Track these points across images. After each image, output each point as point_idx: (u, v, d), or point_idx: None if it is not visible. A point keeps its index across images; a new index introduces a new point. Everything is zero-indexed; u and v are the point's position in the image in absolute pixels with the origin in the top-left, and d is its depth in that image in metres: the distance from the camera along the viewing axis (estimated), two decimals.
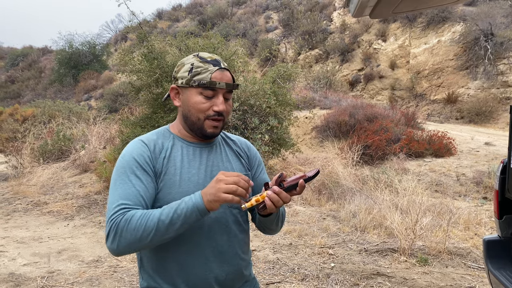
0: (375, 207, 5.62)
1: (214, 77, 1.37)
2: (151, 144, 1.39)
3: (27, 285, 3.91)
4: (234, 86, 1.42)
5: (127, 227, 1.20)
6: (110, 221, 1.23)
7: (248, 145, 1.62)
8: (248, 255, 1.55)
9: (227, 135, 1.60)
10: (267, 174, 1.68)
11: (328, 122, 11.27)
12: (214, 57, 1.43)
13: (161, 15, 36.41)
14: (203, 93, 1.38)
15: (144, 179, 1.31)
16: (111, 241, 1.22)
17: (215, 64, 1.39)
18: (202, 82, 1.36)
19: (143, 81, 7.03)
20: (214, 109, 1.38)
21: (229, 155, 1.52)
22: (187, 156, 1.42)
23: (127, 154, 1.36)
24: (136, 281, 3.93)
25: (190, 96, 1.40)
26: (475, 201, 6.64)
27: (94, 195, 7.51)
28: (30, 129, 12.89)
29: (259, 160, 1.63)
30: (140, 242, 1.21)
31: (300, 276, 3.89)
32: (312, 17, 23.40)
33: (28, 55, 37.29)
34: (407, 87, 18.42)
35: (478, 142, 10.52)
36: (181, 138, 1.45)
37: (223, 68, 1.40)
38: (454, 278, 3.82)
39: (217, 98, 1.38)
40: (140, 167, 1.33)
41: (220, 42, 7.40)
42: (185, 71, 1.41)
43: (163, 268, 1.38)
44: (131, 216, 1.21)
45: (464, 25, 17.01)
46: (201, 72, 1.38)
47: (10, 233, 5.60)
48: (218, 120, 1.40)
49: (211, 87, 1.37)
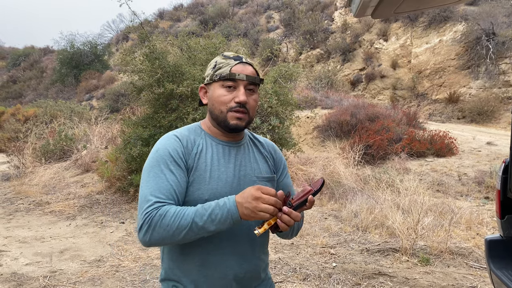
0: (377, 207, 5.62)
1: (234, 70, 1.43)
2: (184, 139, 1.43)
3: (29, 284, 3.92)
4: (256, 79, 1.45)
5: (161, 223, 1.24)
6: (144, 214, 1.26)
7: (274, 148, 1.65)
8: (266, 256, 1.59)
9: (255, 136, 1.64)
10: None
11: (329, 122, 11.27)
12: (238, 54, 1.49)
13: (163, 15, 36.43)
14: (224, 85, 1.43)
15: (177, 173, 1.36)
16: (144, 233, 1.26)
17: (236, 59, 1.45)
18: (223, 74, 1.42)
19: (145, 81, 7.03)
20: (235, 100, 1.41)
21: (257, 156, 1.56)
22: (217, 154, 1.45)
23: (161, 148, 1.40)
24: (138, 280, 3.94)
25: (213, 91, 1.46)
26: (477, 201, 6.63)
27: (96, 195, 7.52)
28: (32, 129, 12.93)
29: (284, 164, 1.66)
30: (172, 238, 1.26)
31: (301, 275, 3.89)
32: (313, 17, 23.39)
33: (29, 55, 37.35)
34: (408, 87, 18.39)
35: (480, 142, 10.50)
36: (211, 135, 1.49)
37: (245, 62, 1.45)
38: (456, 278, 3.82)
39: (238, 90, 1.42)
40: (173, 161, 1.37)
41: (222, 42, 7.40)
42: (210, 68, 1.49)
43: (184, 263, 1.43)
44: (165, 212, 1.25)
45: (466, 25, 16.98)
46: (223, 66, 1.44)
47: (12, 233, 5.62)
48: (241, 111, 1.42)
49: (231, 78, 1.41)
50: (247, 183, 1.45)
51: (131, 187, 6.97)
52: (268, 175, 1.54)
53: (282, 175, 1.63)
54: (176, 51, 7.58)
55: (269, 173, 1.55)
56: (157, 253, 4.61)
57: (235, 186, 1.42)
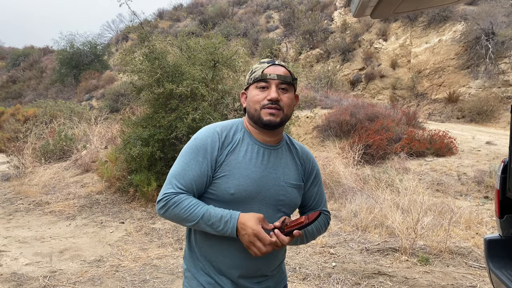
0: (376, 207, 5.63)
1: (266, 71, 1.53)
2: (223, 134, 1.53)
3: (29, 284, 3.93)
4: (287, 78, 1.54)
5: (173, 209, 1.44)
6: (163, 194, 1.46)
7: (308, 157, 1.71)
8: (282, 251, 1.66)
9: (292, 142, 1.70)
10: None
11: (329, 122, 11.26)
12: (272, 59, 1.61)
13: (162, 15, 36.40)
14: (258, 86, 1.53)
15: (203, 167, 1.48)
16: (160, 208, 1.47)
17: (269, 62, 1.56)
18: (256, 76, 1.53)
19: (144, 81, 7.03)
20: (267, 98, 1.50)
21: (289, 162, 1.62)
22: (250, 153, 1.53)
23: (199, 138, 1.53)
24: (138, 280, 3.95)
25: (250, 93, 1.57)
26: (476, 201, 6.64)
27: (95, 195, 7.52)
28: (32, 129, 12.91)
29: (316, 173, 1.72)
30: (181, 223, 1.47)
31: (301, 275, 3.90)
32: (313, 17, 23.39)
33: (29, 55, 37.29)
34: (408, 87, 18.40)
35: (479, 141, 10.51)
36: (250, 133, 1.57)
37: (277, 64, 1.56)
38: (455, 278, 3.83)
39: (270, 89, 1.51)
40: (204, 154, 1.49)
41: (221, 42, 7.40)
42: (248, 74, 1.60)
43: (209, 252, 1.54)
44: (179, 202, 1.43)
45: (465, 24, 16.99)
46: (257, 70, 1.55)
47: (12, 233, 5.62)
48: (273, 108, 1.50)
49: (263, 79, 1.51)
50: (274, 186, 1.53)
51: (131, 187, 6.97)
52: (297, 182, 1.60)
53: (312, 183, 1.69)
54: (175, 51, 7.58)
55: (298, 181, 1.61)
56: (157, 253, 4.61)
57: (262, 186, 1.50)
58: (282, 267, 1.69)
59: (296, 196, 1.60)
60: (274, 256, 1.57)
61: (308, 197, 1.69)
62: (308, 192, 1.68)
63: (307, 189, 1.67)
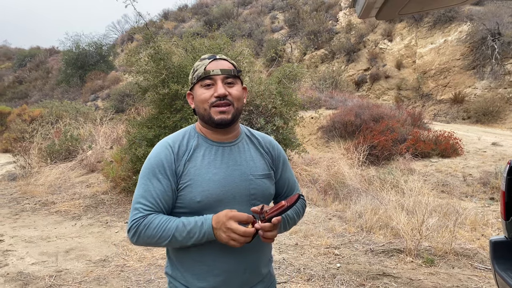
0: (381, 208, 5.61)
1: (208, 67, 1.46)
2: (176, 146, 1.47)
3: (35, 284, 3.95)
4: (231, 71, 1.48)
5: (145, 232, 1.37)
6: (132, 221, 1.39)
7: (272, 144, 1.66)
8: (268, 250, 1.62)
9: (252, 133, 1.64)
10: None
11: (334, 122, 11.26)
12: (214, 54, 1.52)
13: (167, 16, 36.52)
14: (202, 84, 1.47)
15: (164, 183, 1.42)
16: (132, 236, 1.40)
17: (210, 58, 1.49)
18: (199, 75, 1.47)
19: (150, 81, 7.06)
20: (214, 95, 1.44)
21: (253, 154, 1.56)
22: (208, 156, 1.47)
23: (152, 157, 1.47)
24: (143, 280, 3.96)
25: (195, 93, 1.50)
26: (482, 202, 6.60)
27: (101, 195, 7.56)
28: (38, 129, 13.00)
29: (283, 159, 1.67)
30: (156, 245, 1.40)
31: (306, 276, 3.90)
32: (318, 17, 23.36)
33: (35, 55, 37.54)
34: (413, 87, 18.33)
35: (485, 143, 10.46)
36: (204, 136, 1.52)
37: (219, 58, 1.49)
38: (460, 279, 3.81)
39: (216, 85, 1.45)
40: (162, 171, 1.43)
41: (226, 42, 7.41)
42: (190, 74, 1.53)
43: (183, 259, 1.48)
44: (150, 223, 1.37)
45: (471, 25, 16.91)
46: (199, 68, 1.48)
47: (18, 232, 5.66)
48: (223, 105, 1.44)
49: (207, 76, 1.45)
50: (242, 182, 1.47)
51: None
52: (265, 172, 1.55)
53: (282, 170, 1.64)
54: (181, 51, 7.60)
55: (266, 170, 1.56)
56: (162, 253, 4.63)
57: (228, 186, 1.44)
58: (271, 271, 1.65)
59: (268, 186, 1.54)
60: (257, 253, 1.51)
61: (281, 185, 1.64)
62: (280, 179, 1.64)
63: (278, 177, 1.63)
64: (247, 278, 1.49)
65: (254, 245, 1.47)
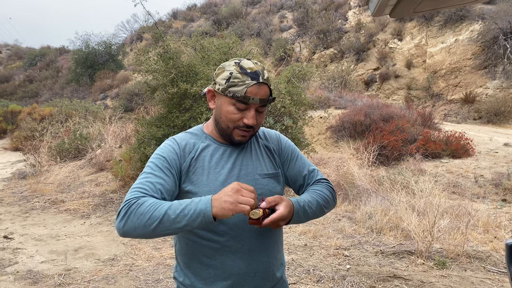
0: (391, 209, 5.55)
1: (249, 92, 1.36)
2: (183, 143, 1.45)
3: (44, 282, 3.96)
4: (269, 101, 1.42)
5: (136, 211, 1.22)
6: (124, 202, 1.26)
7: (279, 139, 1.62)
8: (280, 254, 1.57)
9: (258, 131, 1.60)
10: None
11: (343, 122, 11.18)
12: (256, 68, 1.40)
13: (176, 15, 36.60)
14: (236, 105, 1.38)
15: (166, 176, 1.36)
16: (120, 219, 1.24)
17: (253, 77, 1.37)
18: (236, 95, 1.36)
19: (159, 80, 7.06)
20: (244, 122, 1.40)
21: (259, 153, 1.54)
22: (216, 156, 1.45)
23: (158, 151, 1.43)
24: (151, 280, 3.95)
25: (223, 104, 1.41)
26: (494, 203, 6.50)
27: (110, 194, 7.58)
28: (48, 128, 13.12)
29: (292, 150, 1.62)
30: (144, 229, 1.21)
31: (315, 277, 3.86)
32: (327, 16, 23.25)
33: (45, 55, 37.85)
34: (423, 87, 18.16)
35: (496, 143, 10.31)
36: (212, 138, 1.49)
37: (261, 82, 1.38)
38: (473, 282, 3.74)
39: (249, 112, 1.39)
40: (166, 163, 1.38)
41: (235, 41, 7.39)
42: (223, 79, 1.40)
43: (194, 263, 1.44)
44: (144, 201, 1.24)
45: (483, 24, 16.70)
46: (238, 84, 1.37)
47: (28, 231, 5.69)
48: (247, 131, 1.42)
49: (245, 102, 1.37)
50: (248, 182, 1.43)
51: None
52: (272, 171, 1.52)
53: (292, 161, 1.60)
54: (189, 51, 7.60)
55: (273, 169, 1.53)
56: (170, 252, 4.62)
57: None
58: (283, 277, 1.60)
59: (275, 186, 1.50)
60: (267, 256, 1.47)
61: (296, 174, 1.59)
62: (293, 170, 1.59)
63: (292, 167, 1.59)
64: (258, 283, 1.45)
65: (264, 247, 1.45)
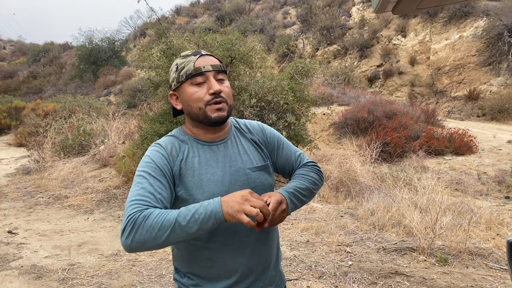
0: (394, 205, 5.55)
1: (197, 64, 1.39)
2: (168, 147, 1.42)
3: (48, 277, 4.00)
4: (221, 67, 1.43)
5: (144, 224, 1.18)
6: (127, 217, 1.22)
7: (262, 129, 1.61)
8: (277, 246, 1.58)
9: (239, 123, 1.59)
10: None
11: (346, 119, 11.16)
12: (195, 50, 1.45)
13: (179, 11, 36.58)
14: (193, 83, 1.39)
15: (162, 180, 1.34)
16: (126, 236, 1.20)
17: (195, 54, 1.42)
18: (188, 72, 1.39)
19: (162, 77, 7.07)
20: (209, 92, 1.38)
21: (246, 146, 1.52)
22: (204, 157, 1.43)
23: (146, 158, 1.39)
24: (155, 275, 3.98)
25: (184, 92, 1.42)
26: (497, 201, 6.49)
27: (113, 190, 7.61)
28: (51, 124, 13.16)
29: (277, 138, 1.62)
30: (154, 240, 1.19)
31: (317, 273, 3.88)
32: (330, 13, 23.17)
33: (49, 51, 37.92)
34: (427, 84, 18.09)
35: (500, 140, 10.28)
36: (195, 138, 1.46)
37: (205, 54, 1.43)
38: (475, 279, 3.75)
39: (209, 82, 1.39)
40: (157, 168, 1.35)
41: (238, 38, 7.39)
42: (173, 72, 1.44)
43: (195, 267, 1.43)
44: (149, 214, 1.20)
45: (487, 20, 16.60)
46: (185, 65, 1.40)
47: (32, 226, 5.73)
48: (219, 102, 1.39)
49: (198, 73, 1.38)
50: (240, 177, 1.43)
51: None
52: (261, 163, 1.51)
53: (279, 149, 1.60)
54: (193, 47, 7.60)
55: (262, 162, 1.52)
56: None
57: (227, 184, 1.40)
58: (281, 269, 1.62)
59: (266, 177, 1.50)
60: (266, 250, 1.48)
61: (285, 162, 1.59)
62: (281, 158, 1.59)
63: (280, 155, 1.59)
64: (259, 276, 1.47)
65: (263, 240, 1.46)
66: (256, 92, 6.97)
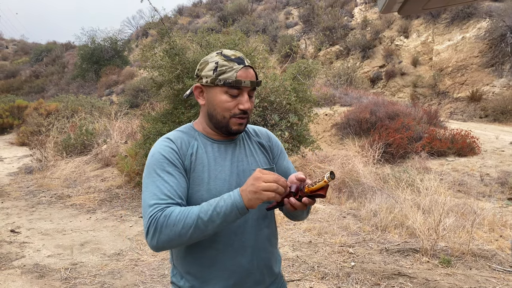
0: (397, 206, 5.54)
1: (239, 76, 1.37)
2: (178, 141, 1.41)
3: (51, 276, 4.00)
4: (258, 83, 1.43)
5: (167, 223, 1.21)
6: (149, 218, 1.24)
7: (269, 135, 1.63)
8: (277, 248, 1.58)
9: (248, 128, 1.61)
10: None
11: (348, 120, 11.15)
12: (238, 54, 1.42)
13: (182, 11, 36.62)
14: (229, 92, 1.38)
15: (176, 174, 1.34)
16: (151, 237, 1.24)
17: (239, 62, 1.39)
18: (228, 81, 1.37)
19: (165, 77, 7.07)
20: (239, 108, 1.39)
21: (252, 149, 1.54)
22: (213, 154, 1.43)
23: (156, 153, 1.38)
24: (157, 275, 3.97)
25: (215, 95, 1.40)
26: (500, 202, 6.48)
27: (115, 189, 7.62)
28: (54, 123, 13.18)
29: (281, 148, 1.64)
30: (180, 238, 1.22)
31: (320, 274, 3.87)
32: (333, 13, 23.16)
33: (52, 50, 37.99)
34: (429, 85, 18.06)
35: (503, 142, 10.25)
36: (205, 135, 1.47)
37: (248, 66, 1.41)
38: (478, 281, 3.74)
39: (242, 97, 1.40)
40: (170, 163, 1.35)
41: (241, 38, 7.38)
42: (210, 70, 1.40)
43: (194, 266, 1.42)
44: (170, 212, 1.23)
45: (490, 21, 16.56)
46: (226, 71, 1.38)
47: (35, 225, 5.74)
48: (243, 118, 1.41)
49: (237, 86, 1.37)
50: (246, 178, 1.42)
51: None
52: (267, 166, 1.52)
53: (280, 159, 1.61)
54: (195, 47, 7.60)
55: (268, 164, 1.54)
56: None
57: (233, 183, 1.41)
58: (280, 271, 1.61)
59: None
60: (265, 251, 1.47)
61: (283, 173, 1.58)
62: (282, 168, 1.59)
63: (281, 164, 1.59)
64: (258, 278, 1.46)
65: (264, 242, 1.46)
66: (259, 93, 6.96)
